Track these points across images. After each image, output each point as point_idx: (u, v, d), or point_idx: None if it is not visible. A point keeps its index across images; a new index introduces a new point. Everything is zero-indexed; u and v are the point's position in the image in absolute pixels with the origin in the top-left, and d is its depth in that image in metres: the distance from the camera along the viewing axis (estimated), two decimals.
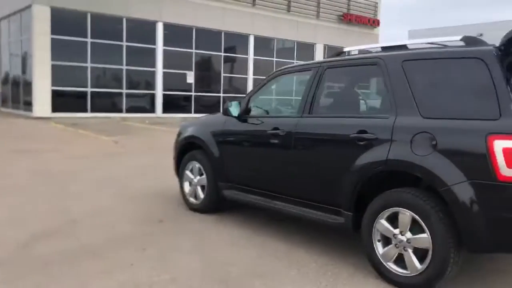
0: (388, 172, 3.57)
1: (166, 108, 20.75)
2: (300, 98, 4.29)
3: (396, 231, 3.44)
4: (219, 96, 22.64)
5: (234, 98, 22.62)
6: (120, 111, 19.49)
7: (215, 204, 5.29)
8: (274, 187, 4.44)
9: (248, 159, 4.74)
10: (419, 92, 3.45)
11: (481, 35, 34.46)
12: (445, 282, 3.30)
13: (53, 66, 17.72)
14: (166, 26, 20.28)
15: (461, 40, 3.49)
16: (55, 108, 17.89)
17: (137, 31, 19.62)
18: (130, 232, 4.65)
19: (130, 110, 19.72)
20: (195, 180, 5.41)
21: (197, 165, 5.37)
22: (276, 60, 24.50)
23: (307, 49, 25.81)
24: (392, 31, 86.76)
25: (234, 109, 4.80)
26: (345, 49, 4.31)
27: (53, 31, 17.61)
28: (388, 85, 3.63)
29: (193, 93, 21.67)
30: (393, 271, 3.47)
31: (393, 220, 3.49)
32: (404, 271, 3.42)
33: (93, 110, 18.74)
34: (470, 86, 3.24)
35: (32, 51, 17.71)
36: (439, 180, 3.18)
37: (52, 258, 3.90)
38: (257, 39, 23.52)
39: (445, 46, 3.70)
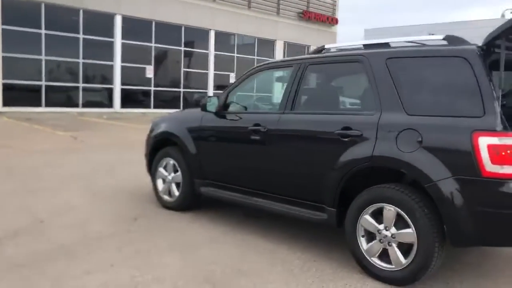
0: (371, 169, 3.61)
1: (125, 103, 20.26)
2: (281, 94, 4.27)
3: (381, 226, 3.49)
4: (180, 91, 22.35)
5: (194, 94, 22.50)
6: (77, 105, 18.86)
7: (190, 202, 5.20)
8: (255, 183, 4.41)
9: (227, 156, 4.67)
10: (404, 89, 3.50)
11: (432, 34, 35.80)
12: (428, 276, 3.38)
13: (4, 58, 16.90)
14: (125, 19, 19.78)
15: (443, 39, 3.57)
16: (6, 102, 17.09)
17: (94, 23, 19.03)
18: (104, 231, 4.49)
19: (87, 104, 19.13)
20: (169, 178, 5.29)
21: (172, 162, 5.25)
22: (237, 56, 24.43)
23: (267, 45, 25.88)
24: (348, 30, 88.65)
25: (213, 105, 4.72)
26: (326, 46, 4.32)
27: (4, 22, 16.79)
28: (372, 82, 3.66)
29: (152, 88, 21.27)
30: (378, 266, 3.52)
31: (377, 215, 3.53)
32: (389, 266, 3.46)
33: (48, 104, 18.03)
34: (454, 84, 3.32)
35: None
36: (425, 176, 3.24)
37: (23, 259, 3.71)
38: (218, 34, 23.37)
39: (425, 44, 3.77)
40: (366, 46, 3.99)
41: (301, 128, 4.04)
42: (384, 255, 3.51)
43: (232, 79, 24.32)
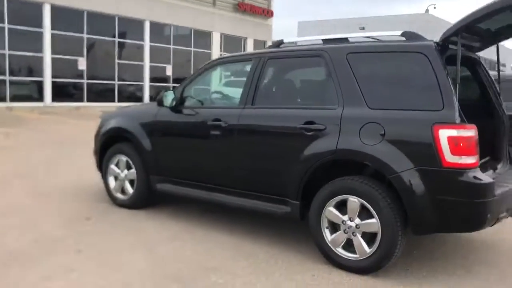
0: (334, 162, 3.69)
1: (56, 97, 19.23)
2: (241, 89, 4.25)
3: (345, 217, 3.58)
4: (114, 84, 21.58)
5: (130, 86, 21.81)
6: (4, 99, 17.68)
7: (145, 199, 5.07)
8: (216, 179, 4.37)
9: (185, 152, 4.59)
10: (365, 84, 3.60)
11: (363, 28, 36.66)
12: (390, 264, 3.52)
13: None
14: (54, 8, 18.75)
15: (401, 35, 3.70)
16: None
17: (21, 12, 17.87)
18: (58, 233, 4.28)
19: (15, 98, 17.96)
20: (122, 175, 5.12)
21: (124, 158, 5.08)
22: (173, 48, 23.97)
23: (204, 37, 25.59)
24: (283, 22, 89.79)
25: (169, 100, 4.60)
26: (285, 40, 4.34)
27: None
28: (334, 77, 3.74)
29: (85, 81, 20.35)
30: (342, 256, 3.62)
31: (341, 207, 3.62)
32: (353, 255, 3.57)
33: None
34: (414, 79, 3.46)
35: None
36: (388, 167, 3.36)
37: None
38: (153, 25, 22.76)
39: (384, 40, 3.90)
40: (325, 41, 4.05)
41: (263, 123, 4.05)
42: (348, 245, 3.61)
43: (168, 72, 23.87)
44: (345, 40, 3.98)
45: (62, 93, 19.54)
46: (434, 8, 42.87)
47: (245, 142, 4.14)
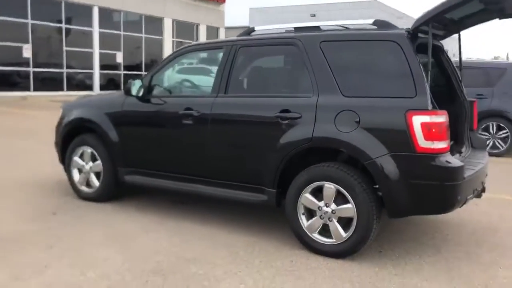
0: (309, 149, 3.73)
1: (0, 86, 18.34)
2: (213, 77, 4.21)
3: (321, 203, 3.65)
4: (62, 72, 20.77)
5: (79, 74, 21.08)
6: None
7: (112, 192, 4.94)
8: (189, 169, 4.32)
9: (156, 142, 4.49)
10: (339, 72, 3.65)
11: (314, 15, 36.92)
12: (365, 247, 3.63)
13: None
14: None
15: (373, 23, 3.77)
16: None
17: None
18: (24, 229, 4.10)
19: None
20: (87, 167, 4.96)
21: (89, 150, 4.92)
22: (124, 34, 23.31)
23: (155, 23, 25.03)
24: (235, 8, 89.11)
25: (138, 89, 4.48)
26: (256, 28, 4.32)
27: None
28: (308, 65, 3.76)
29: (31, 69, 19.45)
30: (319, 241, 3.69)
31: (317, 193, 3.68)
32: (330, 240, 3.65)
33: None
34: (387, 67, 3.55)
35: None
36: (364, 154, 3.45)
37: None
38: (102, 11, 22.02)
39: (356, 29, 3.96)
40: (297, 29, 4.07)
41: (238, 112, 4.03)
42: (325, 231, 3.68)
43: (119, 59, 23.21)
44: (317, 28, 4.01)
45: (6, 82, 18.65)
46: None
47: (219, 131, 4.11)
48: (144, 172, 4.61)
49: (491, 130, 8.59)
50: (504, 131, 8.55)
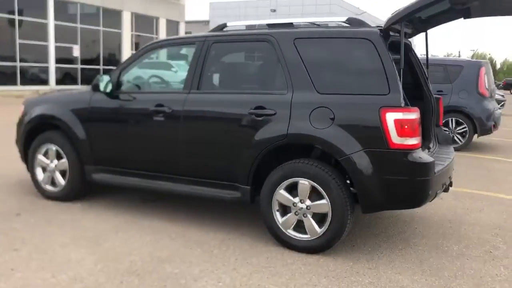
0: (283, 146, 3.74)
1: None
2: (185, 73, 4.14)
3: (296, 199, 3.67)
4: (15, 66, 19.97)
5: (33, 68, 20.31)
6: None
7: (79, 190, 4.80)
8: (160, 167, 4.24)
9: (125, 139, 4.38)
10: (313, 69, 3.67)
11: (274, 10, 36.94)
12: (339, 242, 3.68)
13: None
14: None
15: (346, 21, 3.81)
16: None
17: None
18: None
19: None
20: (52, 165, 4.79)
21: (54, 148, 4.75)
22: (80, 27, 22.63)
23: (114, 16, 24.43)
24: (195, 2, 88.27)
25: (106, 85, 4.35)
26: (229, 24, 4.27)
27: None
28: (282, 62, 3.76)
29: None
30: (294, 237, 3.71)
31: (291, 190, 3.70)
32: (305, 236, 3.67)
33: None
34: (361, 64, 3.59)
35: None
36: (338, 150, 3.49)
37: None
38: (58, 2, 21.28)
39: (328, 26, 3.99)
40: (270, 26, 4.06)
41: (211, 109, 3.98)
42: (299, 227, 3.71)
43: (76, 52, 22.53)
44: (290, 25, 4.02)
45: None
46: None
47: (192, 128, 4.05)
48: (113, 170, 4.49)
49: (450, 126, 8.90)
50: (462, 126, 8.88)
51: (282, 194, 3.71)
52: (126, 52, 24.59)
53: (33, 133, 4.90)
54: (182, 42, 4.62)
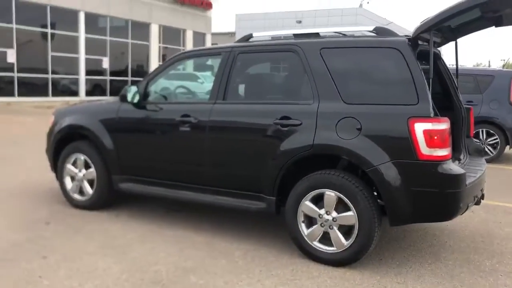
0: (308, 157, 3.70)
1: None
2: (211, 83, 4.15)
3: (322, 211, 3.61)
4: (47, 77, 20.49)
5: (64, 80, 20.79)
6: None
7: (106, 200, 4.85)
8: (186, 177, 4.25)
9: (152, 149, 4.41)
10: (340, 79, 3.63)
11: (300, 21, 37.05)
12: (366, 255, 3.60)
13: None
14: None
15: (372, 31, 3.77)
16: None
17: None
18: (17, 239, 4.00)
19: None
20: (80, 175, 4.87)
21: (83, 157, 4.82)
22: (110, 39, 23.12)
23: (142, 28, 24.88)
24: (222, 14, 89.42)
25: (134, 95, 4.40)
26: (254, 34, 4.28)
27: None
28: (308, 72, 3.74)
29: (15, 74, 19.16)
30: (320, 249, 3.65)
31: (317, 201, 3.65)
32: (331, 248, 3.61)
33: None
34: (389, 74, 3.54)
35: None
36: (365, 161, 3.42)
37: None
38: (88, 16, 21.82)
39: (354, 36, 3.95)
40: (296, 36, 4.05)
41: (237, 119, 3.98)
42: (325, 239, 3.65)
43: (105, 64, 23.01)
44: (316, 35, 4.00)
45: None
46: (368, 3, 44.34)
47: (217, 138, 4.05)
48: (139, 179, 4.53)
49: (481, 137, 8.68)
50: (494, 138, 8.65)
51: (307, 205, 3.67)
52: (154, 63, 24.98)
53: (62, 143, 4.99)
54: (208, 53, 4.66)
